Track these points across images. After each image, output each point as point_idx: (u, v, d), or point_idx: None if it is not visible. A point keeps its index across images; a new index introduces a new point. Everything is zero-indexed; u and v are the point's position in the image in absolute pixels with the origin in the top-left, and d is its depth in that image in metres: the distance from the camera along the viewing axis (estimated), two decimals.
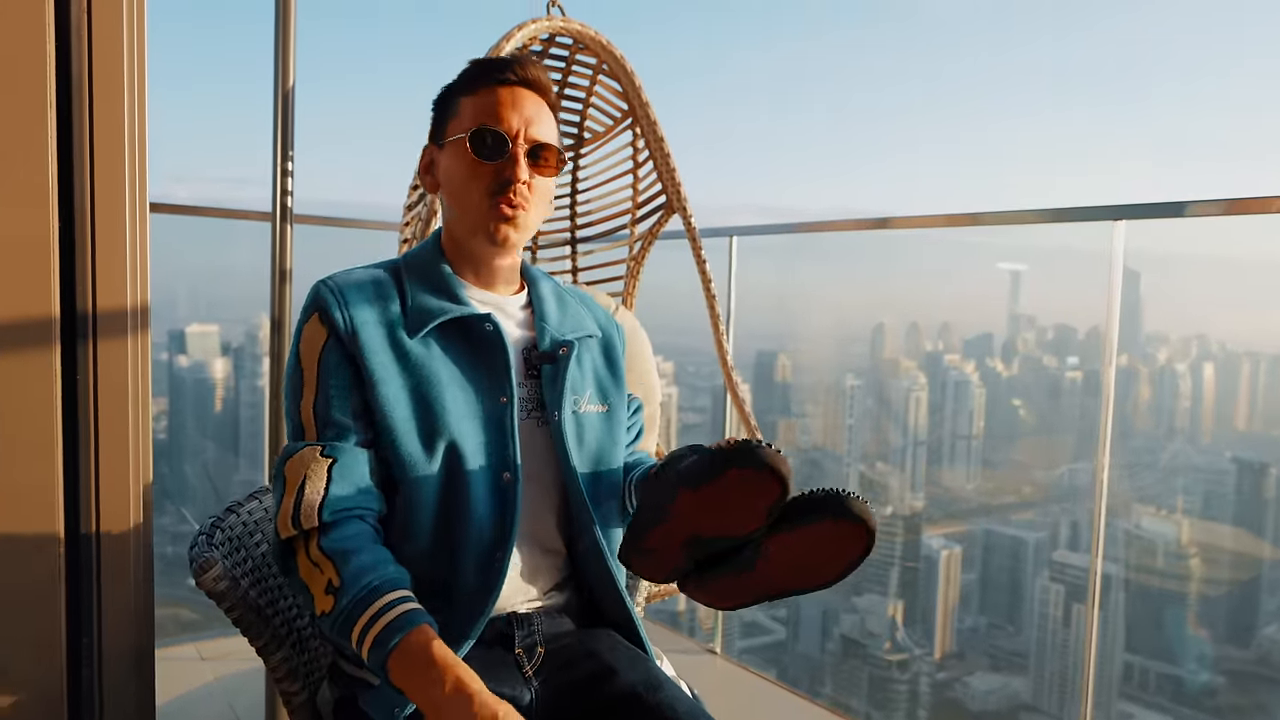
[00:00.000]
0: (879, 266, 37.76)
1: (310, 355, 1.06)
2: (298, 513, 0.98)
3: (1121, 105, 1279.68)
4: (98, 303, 1.10)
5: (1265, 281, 51.82)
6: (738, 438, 0.94)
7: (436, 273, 1.13)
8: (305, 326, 1.07)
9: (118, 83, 1.10)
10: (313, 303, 1.07)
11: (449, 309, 1.09)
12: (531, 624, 1.11)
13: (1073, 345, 24.17)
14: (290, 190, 2.01)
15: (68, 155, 1.07)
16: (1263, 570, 19.04)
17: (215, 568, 1.05)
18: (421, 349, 1.07)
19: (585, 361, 1.20)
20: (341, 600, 0.96)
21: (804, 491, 0.96)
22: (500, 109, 1.12)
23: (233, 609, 1.06)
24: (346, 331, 1.04)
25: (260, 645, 1.08)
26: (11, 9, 1.01)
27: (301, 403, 1.05)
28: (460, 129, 1.12)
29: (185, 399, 16.24)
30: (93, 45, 1.07)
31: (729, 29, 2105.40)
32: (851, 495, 0.94)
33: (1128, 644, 18.30)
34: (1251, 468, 19.32)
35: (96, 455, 1.12)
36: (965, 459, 22.05)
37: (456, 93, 1.15)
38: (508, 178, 1.10)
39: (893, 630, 18.41)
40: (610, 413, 1.20)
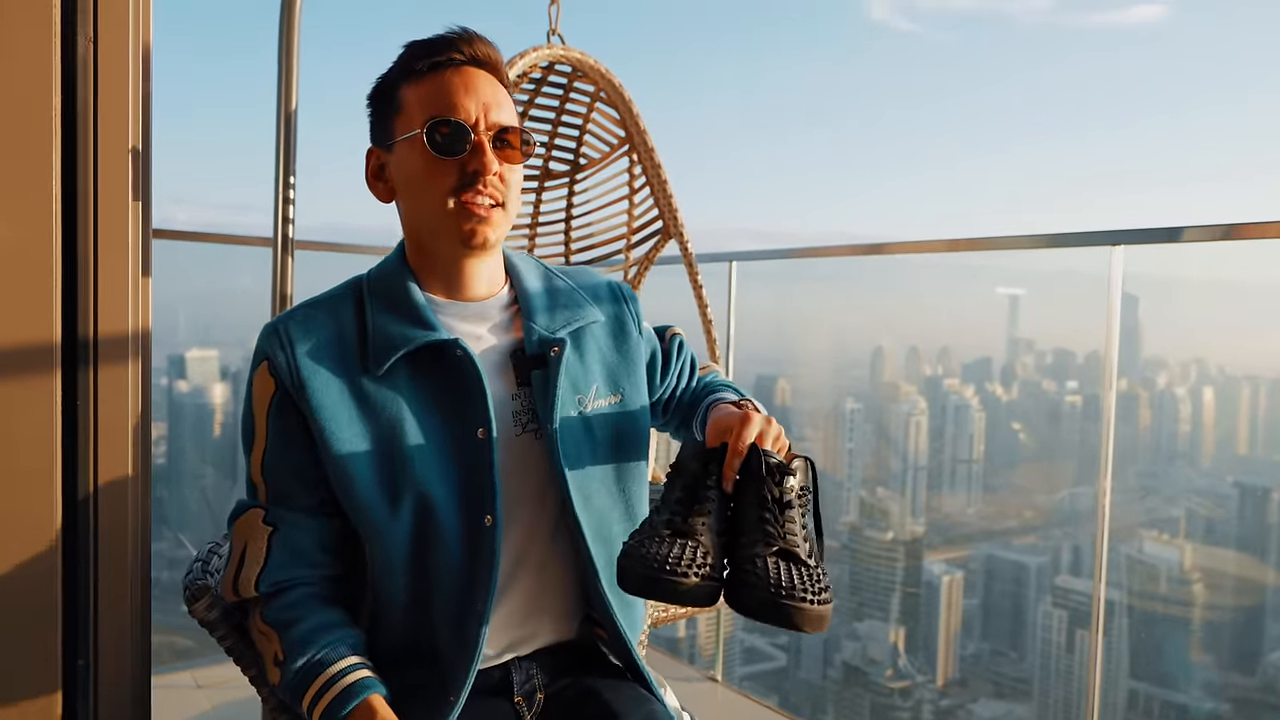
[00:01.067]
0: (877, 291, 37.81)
1: (260, 408, 1.00)
2: (237, 584, 0.99)
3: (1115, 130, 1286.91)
4: (99, 328, 1.10)
5: (1263, 305, 51.96)
6: (670, 536, 0.91)
7: (401, 291, 1.03)
8: (255, 376, 1.01)
9: (122, 108, 1.11)
10: (261, 350, 1.01)
11: (413, 337, 0.99)
12: (530, 669, 1.06)
13: (1072, 369, 24.18)
14: (292, 217, 2.02)
15: (72, 181, 1.08)
16: (1267, 596, 18.90)
17: (208, 596, 1.05)
18: (384, 388, 0.99)
19: (589, 352, 1.09)
20: (287, 675, 0.95)
21: (753, 569, 0.90)
22: (453, 95, 0.99)
23: (225, 637, 1.05)
24: (294, 384, 0.97)
25: (253, 675, 1.07)
26: (18, 36, 1.02)
27: (251, 457, 1.02)
28: (410, 125, 1.00)
29: (185, 424, 16.22)
30: (98, 70, 1.08)
31: (726, 58, 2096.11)
32: (798, 599, 0.87)
33: (1132, 670, 18.12)
34: (1253, 492, 19.24)
35: (96, 480, 1.11)
36: (966, 483, 21.97)
37: (397, 82, 1.03)
38: (474, 170, 0.99)
39: (895, 657, 18.24)
40: (625, 400, 1.10)
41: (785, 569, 0.90)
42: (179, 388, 15.64)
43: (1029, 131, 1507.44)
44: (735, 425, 0.98)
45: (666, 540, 0.90)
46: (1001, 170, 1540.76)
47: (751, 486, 0.95)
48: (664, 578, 0.87)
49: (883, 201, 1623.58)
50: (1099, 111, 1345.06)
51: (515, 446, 1.03)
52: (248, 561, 0.98)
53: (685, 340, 1.25)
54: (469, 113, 0.99)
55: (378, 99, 1.06)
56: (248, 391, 1.02)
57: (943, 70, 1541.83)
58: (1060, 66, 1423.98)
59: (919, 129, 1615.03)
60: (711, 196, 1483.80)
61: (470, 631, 0.99)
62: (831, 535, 1.06)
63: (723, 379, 1.25)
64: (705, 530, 0.93)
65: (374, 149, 1.07)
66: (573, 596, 1.09)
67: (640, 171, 2.37)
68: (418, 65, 1.01)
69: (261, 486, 1.01)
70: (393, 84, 1.03)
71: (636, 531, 0.95)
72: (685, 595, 0.88)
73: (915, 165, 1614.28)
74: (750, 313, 2.85)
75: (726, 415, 1.02)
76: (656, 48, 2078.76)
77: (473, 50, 1.02)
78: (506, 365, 1.05)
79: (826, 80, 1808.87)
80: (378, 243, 2.91)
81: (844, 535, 19.06)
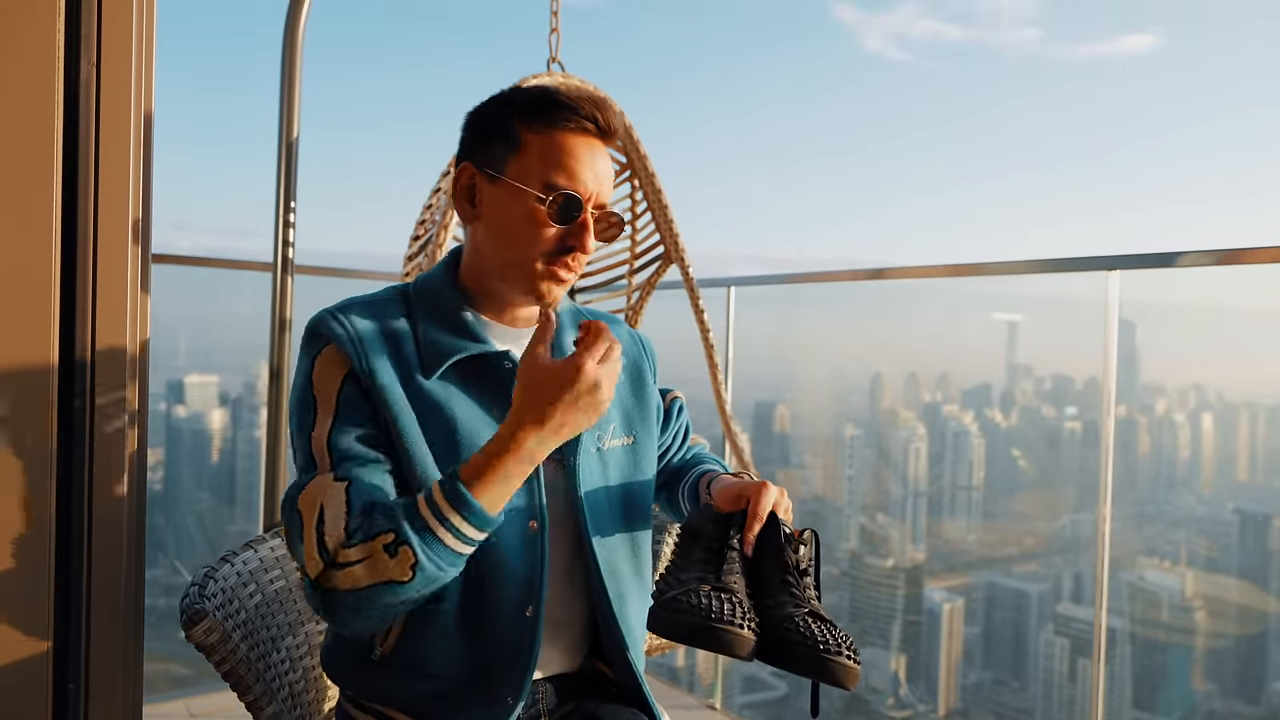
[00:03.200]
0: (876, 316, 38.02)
1: (328, 385, 0.98)
2: (322, 542, 0.91)
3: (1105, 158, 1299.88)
4: (97, 349, 1.10)
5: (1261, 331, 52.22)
6: (711, 589, 0.93)
7: (449, 306, 1.05)
8: (320, 355, 0.99)
9: (124, 131, 1.11)
10: (320, 334, 1.00)
11: (465, 346, 1.02)
12: (536, 694, 1.07)
13: (1071, 395, 24.17)
14: (292, 241, 2.03)
15: (72, 202, 1.08)
16: (1269, 624, 18.76)
17: (205, 620, 1.03)
18: (439, 390, 1.00)
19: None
20: (406, 535, 0.89)
21: (793, 626, 0.94)
22: (577, 166, 1.00)
23: (223, 662, 1.04)
24: (364, 374, 0.97)
25: (250, 700, 1.06)
26: (22, 59, 1.03)
27: (314, 432, 0.97)
28: (527, 173, 1.00)
29: (182, 449, 16.18)
30: (100, 94, 1.08)
31: (722, 87, 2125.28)
32: (833, 653, 0.92)
33: (1135, 700, 17.93)
34: (1254, 519, 19.15)
35: (90, 501, 1.11)
36: (966, 510, 21.88)
37: (520, 119, 1.01)
38: (572, 245, 1.01)
39: (896, 686, 18.05)
40: (636, 444, 1.13)
41: (820, 628, 0.94)
42: (177, 413, 15.59)
43: (1021, 157, 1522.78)
44: (753, 493, 1.02)
45: (709, 594, 0.93)
46: (995, 196, 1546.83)
47: (770, 552, 1.00)
48: (719, 629, 0.90)
49: (878, 227, 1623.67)
50: (1089, 138, 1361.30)
51: (541, 472, 1.04)
52: (329, 518, 0.92)
53: (685, 405, 1.28)
54: (586, 187, 1.01)
55: (488, 122, 1.04)
56: (307, 374, 0.99)
57: (935, 98, 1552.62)
58: (1048, 95, 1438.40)
59: (912, 155, 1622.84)
60: (709, 223, 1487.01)
61: (524, 636, 1.00)
62: (832, 562, 1.06)
63: (710, 453, 1.28)
64: (740, 588, 0.97)
65: (470, 167, 1.05)
66: (582, 626, 1.11)
67: (642, 197, 2.38)
68: (549, 113, 1.00)
69: (325, 457, 0.96)
70: (512, 116, 1.02)
71: (665, 584, 0.98)
72: (738, 646, 0.91)
73: (910, 191, 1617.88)
74: (749, 338, 2.85)
75: (741, 484, 1.05)
76: (653, 77, 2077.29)
77: (605, 121, 1.02)
78: None
79: (822, 108, 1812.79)
80: (377, 268, 2.92)
81: (844, 562, 18.95)
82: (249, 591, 1.19)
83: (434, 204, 2.16)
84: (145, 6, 1.12)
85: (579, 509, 1.06)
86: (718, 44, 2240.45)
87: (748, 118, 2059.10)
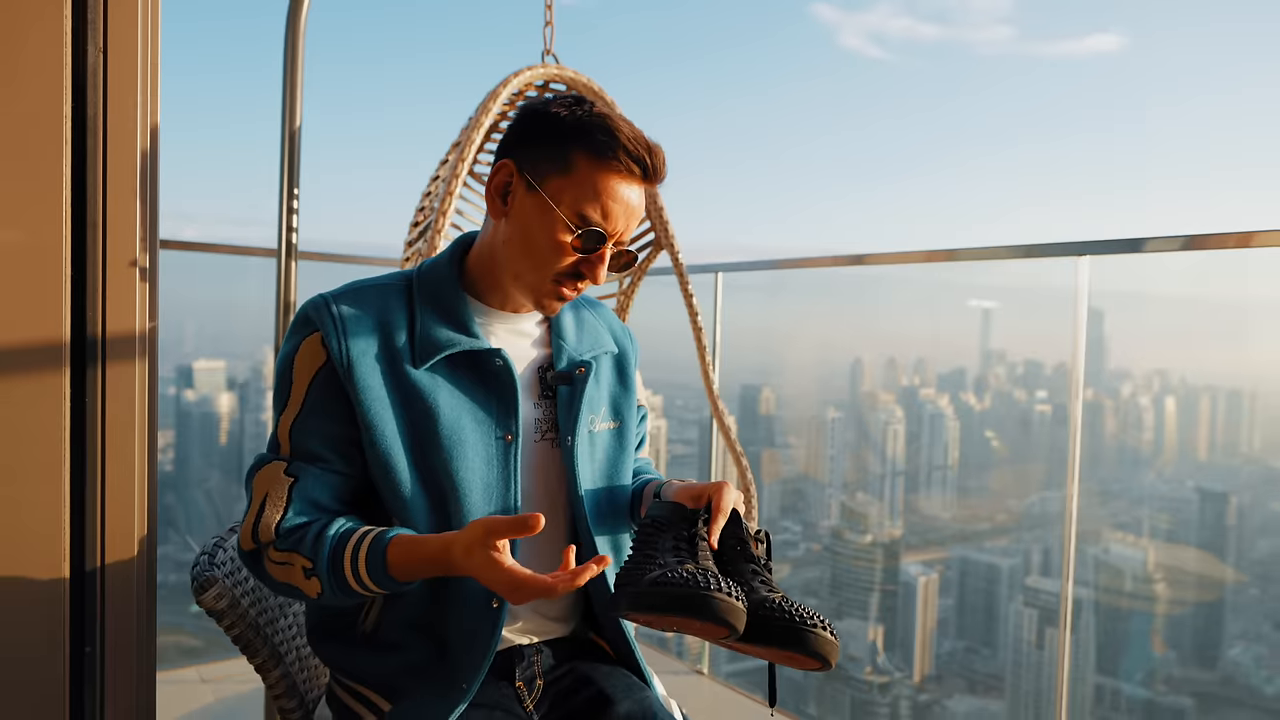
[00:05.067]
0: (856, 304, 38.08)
1: (303, 376, 0.99)
2: (256, 529, 0.97)
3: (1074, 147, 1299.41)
4: (107, 329, 1.09)
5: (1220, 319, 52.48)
6: (695, 568, 0.91)
7: (450, 297, 1.04)
8: (303, 342, 0.99)
9: (131, 116, 1.10)
10: (309, 321, 1.00)
11: (458, 341, 1.02)
12: (531, 657, 1.07)
13: (1041, 380, 24.30)
14: (295, 227, 2.01)
15: (81, 187, 1.07)
16: (1225, 594, 19.01)
17: (215, 586, 1.03)
18: (425, 379, 1.00)
19: (602, 379, 1.13)
20: (320, 568, 0.94)
21: (774, 605, 0.94)
22: (614, 206, 0.99)
23: (232, 627, 1.04)
24: (343, 364, 0.97)
25: (259, 663, 1.06)
26: (30, 45, 1.01)
27: (282, 416, 1.00)
28: (566, 196, 0.99)
29: (192, 432, 16.11)
30: (107, 80, 1.07)
31: (705, 81, 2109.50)
32: (816, 627, 0.92)
33: (1099, 666, 18.14)
34: (1213, 496, 19.37)
35: (103, 480, 1.10)
36: (941, 488, 22.03)
37: (575, 138, 0.99)
38: (583, 273, 1.02)
39: (874, 654, 18.21)
40: (621, 428, 1.15)
41: (797, 606, 0.94)
42: (186, 397, 15.53)
43: (994, 149, 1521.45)
44: (715, 492, 1.03)
45: (695, 571, 0.92)
46: (970, 185, 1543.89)
47: (732, 545, 1.01)
48: (715, 597, 0.88)
49: (857, 215, 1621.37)
50: (1060, 129, 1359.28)
51: (534, 451, 1.06)
52: (268, 508, 0.97)
53: (647, 416, 1.30)
54: (615, 228, 1.01)
55: (544, 128, 1.01)
56: (288, 356, 1.00)
57: (911, 94, 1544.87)
58: (1021, 90, 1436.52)
59: (890, 147, 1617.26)
60: (698, 214, 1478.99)
61: (486, 624, 1.00)
62: (813, 538, 1.07)
63: (654, 469, 1.28)
64: (715, 569, 0.96)
65: (510, 165, 1.02)
66: (573, 595, 1.11)
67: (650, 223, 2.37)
68: (606, 145, 0.98)
69: (286, 445, 0.99)
70: (569, 134, 0.99)
71: (638, 569, 0.96)
72: (733, 613, 0.89)
73: (889, 181, 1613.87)
74: (736, 324, 2.85)
75: (701, 484, 1.06)
76: (640, 71, 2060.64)
77: (654, 167, 1.01)
78: (534, 378, 1.08)
79: (802, 103, 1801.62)
80: (378, 254, 2.91)
81: (825, 538, 19.06)
82: None
83: (433, 191, 2.14)
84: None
85: (573, 485, 1.06)
86: (701, 41, 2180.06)
87: (730, 112, 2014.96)
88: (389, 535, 0.94)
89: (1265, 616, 17.89)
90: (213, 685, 2.39)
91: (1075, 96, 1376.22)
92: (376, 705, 1.03)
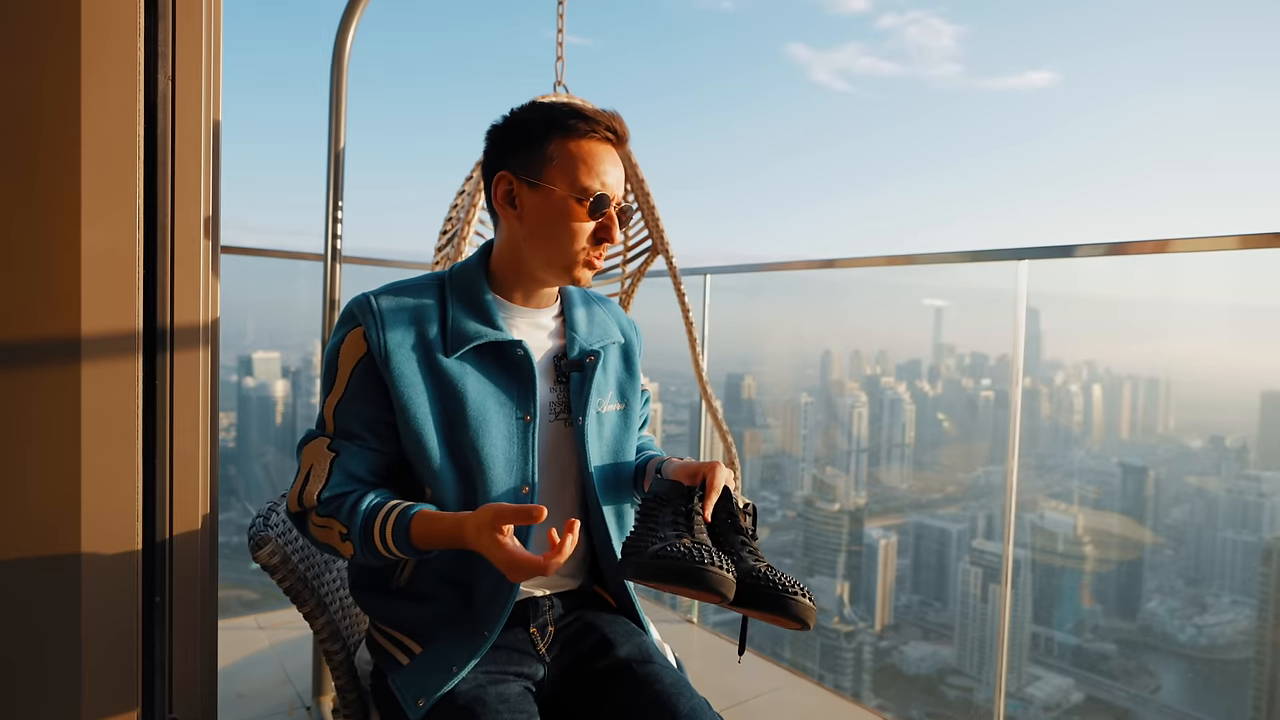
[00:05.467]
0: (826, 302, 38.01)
1: (346, 364, 0.99)
2: (302, 495, 0.97)
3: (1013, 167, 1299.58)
4: (175, 321, 1.09)
5: (1140, 317, 52.52)
6: (691, 543, 0.91)
7: (478, 294, 1.04)
8: (347, 335, 0.99)
9: (196, 134, 1.09)
10: (353, 316, 1.00)
11: (485, 333, 1.01)
12: (544, 607, 1.07)
13: (985, 370, 24.30)
14: (340, 235, 2.00)
15: (152, 196, 1.06)
16: (1144, 554, 19.06)
17: (269, 544, 1.03)
18: (455, 367, 1.00)
19: (610, 366, 1.13)
20: (354, 535, 0.94)
21: (761, 575, 0.93)
22: (603, 170, 1.00)
23: (284, 580, 1.04)
24: (380, 355, 0.97)
25: (307, 611, 1.06)
26: (109, 74, 1.00)
27: (328, 398, 1.00)
28: (563, 178, 0.99)
29: (251, 414, 16.10)
30: (175, 103, 1.06)
31: (694, 110, 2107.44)
32: (797, 595, 0.92)
33: (1034, 617, 18.20)
34: (1134, 470, 19.43)
35: (171, 453, 1.10)
36: (900, 462, 22.04)
37: (550, 131, 1.00)
38: (603, 237, 1.02)
39: (841, 606, 18.27)
40: (627, 409, 1.14)
41: (780, 576, 0.94)
42: (246, 383, 15.51)
43: (944, 167, 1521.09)
44: (709, 470, 1.03)
45: (691, 546, 0.91)
46: (923, 200, 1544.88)
47: (726, 518, 1.01)
48: (709, 571, 0.88)
49: (827, 225, 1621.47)
50: (1000, 151, 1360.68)
51: (549, 431, 1.06)
52: (312, 479, 0.97)
53: (650, 400, 1.29)
54: (610, 188, 1.01)
55: (520, 135, 1.02)
56: (335, 347, 1.00)
57: (874, 121, 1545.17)
58: (968, 117, 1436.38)
59: (854, 167, 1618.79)
60: (687, 224, 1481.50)
61: (506, 582, 1.00)
62: (789, 506, 1.06)
63: (655, 446, 1.28)
64: (710, 544, 0.96)
65: (508, 175, 1.03)
66: (582, 554, 1.12)
67: (634, 198, 2.36)
68: (574, 125, 1.00)
69: (331, 424, 1.00)
70: (543, 130, 1.00)
71: (642, 541, 0.96)
72: (724, 584, 0.89)
73: (853, 195, 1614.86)
74: (722, 321, 2.84)
75: (696, 463, 1.06)
76: (638, 100, 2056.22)
77: (621, 130, 1.02)
78: (550, 365, 1.08)
79: (778, 129, 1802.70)
80: (411, 259, 2.89)
81: (799, 506, 19.09)
82: None
83: (459, 203, 2.13)
84: (213, 26, 1.09)
85: (584, 461, 1.06)
86: (688, 77, 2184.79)
87: (718, 137, 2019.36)
88: (413, 511, 0.94)
89: (1178, 574, 17.95)
90: (268, 631, 2.39)
91: (1014, 122, 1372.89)
92: (409, 648, 1.03)
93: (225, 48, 1.12)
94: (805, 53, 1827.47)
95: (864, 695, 15.71)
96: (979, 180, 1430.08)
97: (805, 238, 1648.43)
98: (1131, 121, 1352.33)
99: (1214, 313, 53.81)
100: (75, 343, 0.99)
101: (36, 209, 0.97)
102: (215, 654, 1.17)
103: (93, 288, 1.00)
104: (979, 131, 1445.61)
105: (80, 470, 1.00)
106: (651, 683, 0.99)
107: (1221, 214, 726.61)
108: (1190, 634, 16.79)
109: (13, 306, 0.96)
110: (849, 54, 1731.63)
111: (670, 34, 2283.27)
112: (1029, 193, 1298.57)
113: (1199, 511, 18.51)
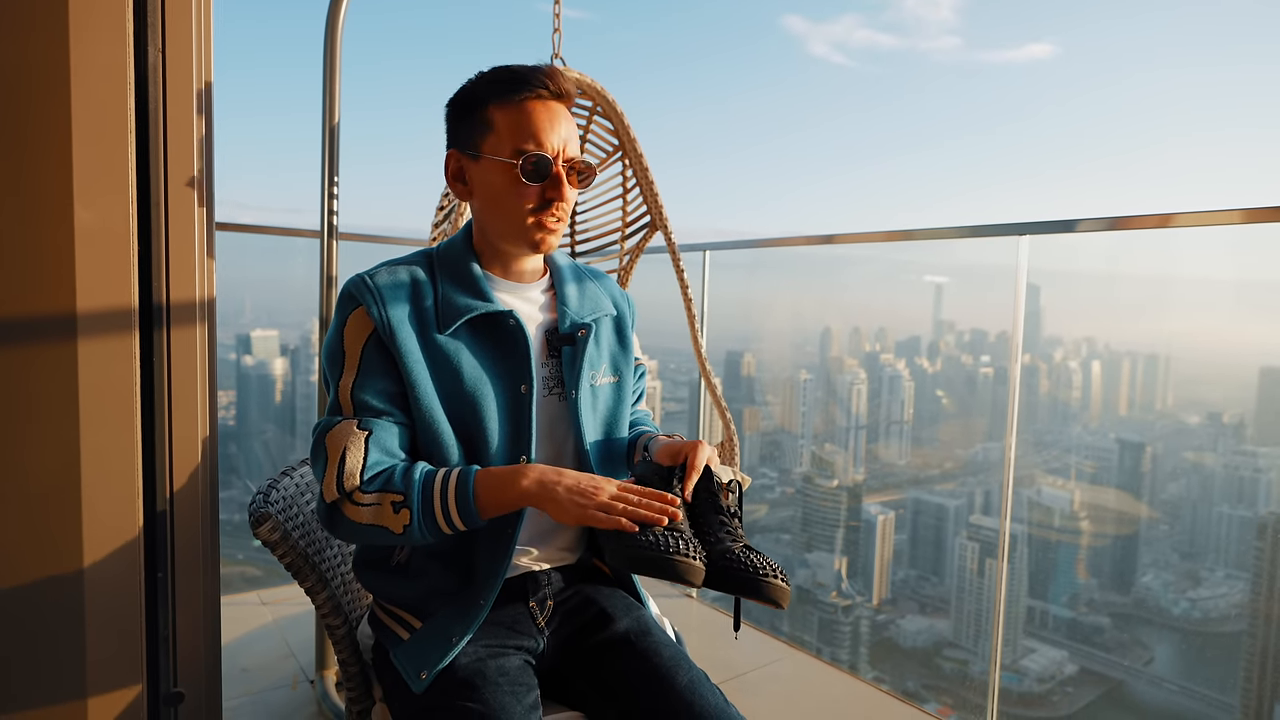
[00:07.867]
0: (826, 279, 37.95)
1: (354, 343, 0.98)
2: (341, 479, 0.93)
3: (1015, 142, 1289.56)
4: (171, 298, 1.08)
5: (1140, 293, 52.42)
6: (664, 530, 0.91)
7: (466, 269, 1.03)
8: (350, 315, 0.99)
9: (187, 108, 1.08)
10: (353, 297, 0.99)
11: (476, 306, 1.01)
12: (543, 581, 1.07)
13: (985, 346, 24.30)
14: (336, 211, 1.98)
15: (145, 172, 1.05)
16: (1140, 529, 19.22)
17: (269, 520, 1.03)
18: (450, 343, 0.99)
19: (602, 339, 1.12)
20: (412, 502, 0.92)
21: (735, 557, 0.94)
22: (540, 130, 0.98)
23: (285, 555, 1.04)
24: (385, 330, 0.97)
25: (308, 587, 1.07)
26: (98, 48, 0.99)
27: (341, 382, 0.99)
28: (499, 147, 0.98)
29: (250, 392, 16.12)
30: (166, 77, 1.05)
31: (692, 83, 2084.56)
32: (769, 576, 0.92)
33: (1030, 591, 18.40)
34: (1131, 446, 19.52)
35: (170, 430, 1.10)
36: (898, 439, 22.13)
37: (486, 101, 0.99)
38: (550, 198, 0.99)
39: (838, 581, 18.44)
40: (620, 382, 1.14)
41: (755, 557, 0.94)
42: (245, 361, 15.51)
43: (944, 142, 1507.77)
44: (690, 450, 1.03)
45: (664, 533, 0.92)
46: (923, 175, 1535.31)
47: (706, 498, 1.00)
48: (676, 560, 0.89)
49: (826, 200, 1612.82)
50: (1001, 125, 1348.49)
51: (544, 404, 1.05)
52: (348, 459, 0.94)
53: (646, 374, 1.28)
54: (552, 146, 0.99)
55: (462, 109, 1.01)
56: (339, 330, 0.99)
57: (872, 95, 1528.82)
58: (968, 91, 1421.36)
59: (853, 141, 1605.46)
60: (685, 200, 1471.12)
61: (500, 549, 1.00)
62: (788, 483, 1.07)
63: (651, 420, 1.27)
64: (687, 527, 0.96)
65: (456, 152, 1.03)
66: (578, 529, 1.12)
67: (631, 174, 2.34)
68: (509, 91, 0.98)
69: (349, 406, 0.98)
70: (481, 101, 1.00)
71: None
72: (692, 574, 0.90)
73: (852, 170, 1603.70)
74: (721, 297, 2.83)
75: (679, 442, 1.06)
76: (636, 75, 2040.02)
77: (557, 86, 1.00)
78: (542, 340, 1.07)
79: (776, 103, 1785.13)
80: (408, 236, 2.88)
81: (798, 482, 19.19)
82: (305, 499, 1.19)
83: None
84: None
85: (578, 434, 1.06)
86: (685, 50, 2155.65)
87: (715, 112, 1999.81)
88: (473, 468, 0.95)
89: (1173, 548, 18.11)
90: (271, 607, 2.41)
91: (1015, 96, 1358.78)
92: (409, 623, 1.04)
93: (216, 17, 1.10)
94: (802, 25, 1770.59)
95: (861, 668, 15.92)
96: (980, 155, 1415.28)
97: (804, 213, 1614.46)
98: (1133, 95, 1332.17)
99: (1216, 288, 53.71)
100: (71, 320, 0.99)
101: (26, 186, 0.96)
102: (219, 628, 1.18)
103: (87, 265, 1.00)
104: (979, 106, 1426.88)
105: (79, 447, 1.00)
106: (650, 656, 1.00)
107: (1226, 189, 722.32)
108: (1184, 607, 16.98)
109: (5, 284, 0.96)
110: (846, 26, 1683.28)
111: (668, 6, 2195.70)
112: (1030, 168, 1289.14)
113: (1195, 487, 18.63)
